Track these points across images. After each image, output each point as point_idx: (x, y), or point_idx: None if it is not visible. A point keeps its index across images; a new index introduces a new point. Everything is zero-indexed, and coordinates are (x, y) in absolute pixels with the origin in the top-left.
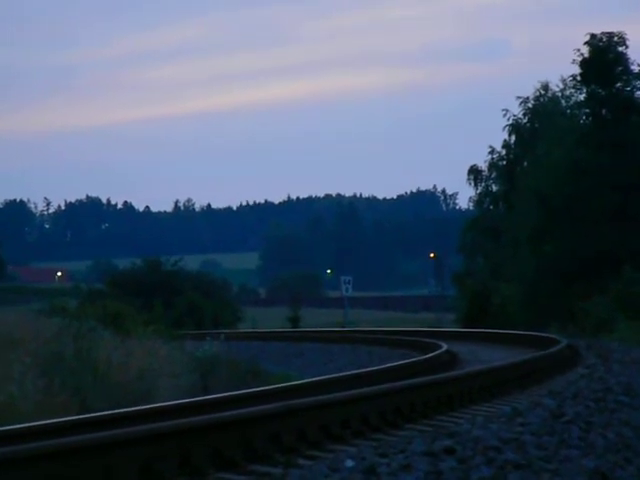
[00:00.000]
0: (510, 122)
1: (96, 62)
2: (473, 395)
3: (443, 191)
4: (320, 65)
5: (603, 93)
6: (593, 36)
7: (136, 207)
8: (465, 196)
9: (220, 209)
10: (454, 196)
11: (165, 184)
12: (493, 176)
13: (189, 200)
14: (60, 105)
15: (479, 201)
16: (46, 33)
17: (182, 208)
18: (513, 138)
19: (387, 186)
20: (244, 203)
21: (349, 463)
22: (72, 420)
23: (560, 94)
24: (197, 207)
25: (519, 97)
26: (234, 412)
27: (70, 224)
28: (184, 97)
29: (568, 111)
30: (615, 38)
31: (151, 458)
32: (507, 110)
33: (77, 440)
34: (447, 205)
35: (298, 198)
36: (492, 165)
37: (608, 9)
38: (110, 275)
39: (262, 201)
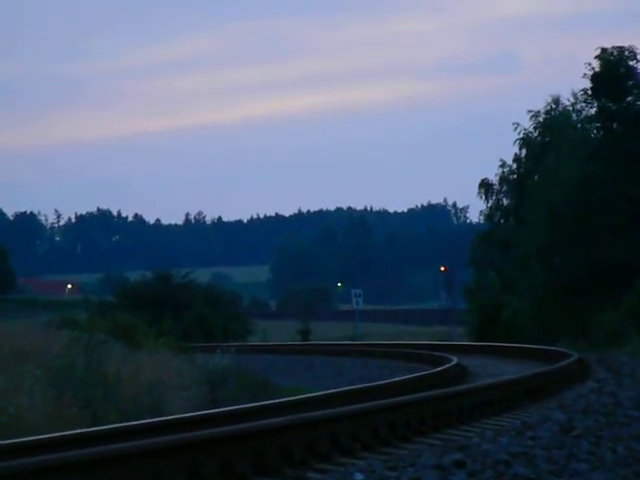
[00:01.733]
0: (521, 136)
1: (107, 74)
2: (483, 409)
3: (454, 205)
4: (332, 78)
5: (614, 107)
6: (604, 50)
7: (147, 220)
8: (476, 210)
9: (231, 222)
10: (465, 210)
11: (176, 197)
12: (504, 190)
13: (200, 213)
14: (70, 117)
15: (490, 215)
16: (57, 44)
17: (193, 221)
18: (524, 152)
19: (398, 199)
20: (255, 216)
21: (359, 476)
22: (81, 433)
23: (571, 108)
24: (208, 220)
25: (530, 111)
26: (244, 425)
27: (80, 236)
28: (195, 109)
29: (579, 125)
30: (626, 52)
31: (160, 471)
32: (518, 124)
33: (83, 454)
34: (458, 219)
35: (309, 211)
36: (503, 179)
37: (619, 23)
38: (120, 288)
39: (273, 214)
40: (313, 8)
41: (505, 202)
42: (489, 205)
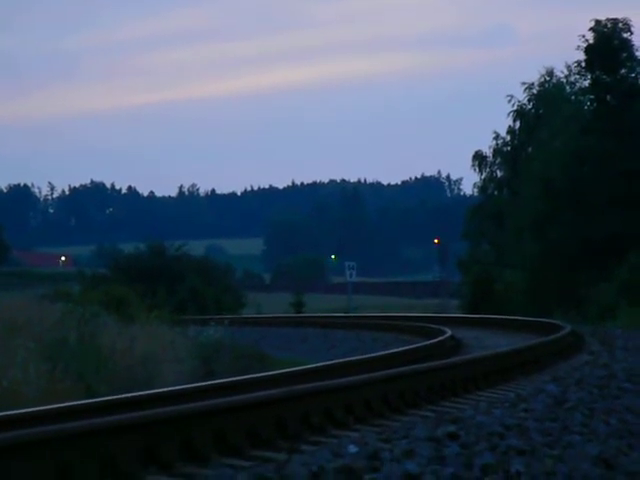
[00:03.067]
0: (515, 108)
1: (101, 47)
2: (477, 381)
3: (448, 177)
4: (325, 50)
5: (608, 79)
6: (598, 22)
7: (140, 192)
8: (470, 182)
9: (224, 194)
10: (458, 182)
11: (169, 169)
12: (497, 162)
13: (193, 185)
14: (64, 90)
15: (483, 187)
16: (53, 18)
17: (186, 193)
18: (518, 124)
19: (391, 172)
20: (248, 188)
21: (352, 449)
22: (73, 405)
23: (565, 80)
24: (201, 192)
25: (524, 83)
26: (237, 397)
27: (74, 209)
28: (188, 82)
29: (573, 97)
30: (620, 24)
31: (152, 443)
32: (512, 96)
33: (76, 426)
34: (452, 191)
35: (302, 183)
36: (497, 151)
37: None
38: (114, 260)
39: (266, 186)
40: None
41: (499, 174)
42: (483, 177)
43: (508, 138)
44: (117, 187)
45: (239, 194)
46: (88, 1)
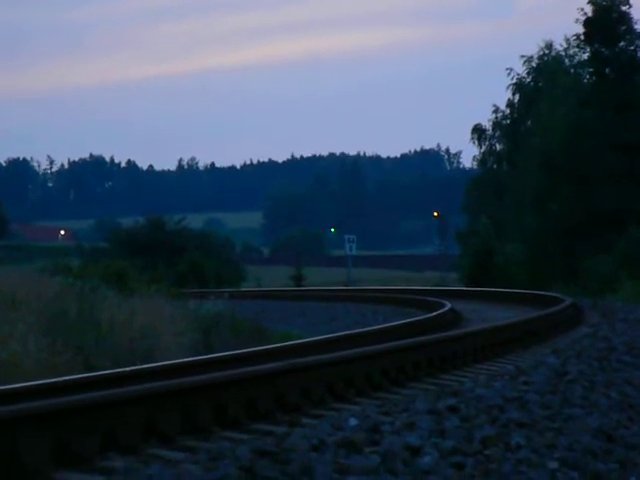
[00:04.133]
0: (514, 81)
1: (102, 20)
2: (477, 354)
3: (447, 150)
4: (321, 23)
5: (606, 52)
6: None
7: (140, 166)
8: (469, 155)
9: (224, 168)
10: (458, 155)
11: (169, 143)
12: (497, 135)
13: (193, 159)
14: (64, 63)
15: (483, 160)
16: None
17: (186, 167)
18: (517, 97)
19: (391, 145)
20: (248, 162)
21: (353, 422)
22: (73, 379)
23: (564, 53)
24: (201, 166)
25: (523, 56)
26: (237, 370)
27: (73, 183)
28: (187, 55)
29: (572, 70)
30: None
31: (154, 417)
32: (511, 69)
33: (76, 400)
34: (451, 164)
35: (302, 157)
36: (496, 124)
37: None
38: (113, 234)
39: (266, 160)
40: None
41: (498, 147)
42: (482, 150)
43: (507, 111)
44: (116, 161)
45: (239, 167)
46: None
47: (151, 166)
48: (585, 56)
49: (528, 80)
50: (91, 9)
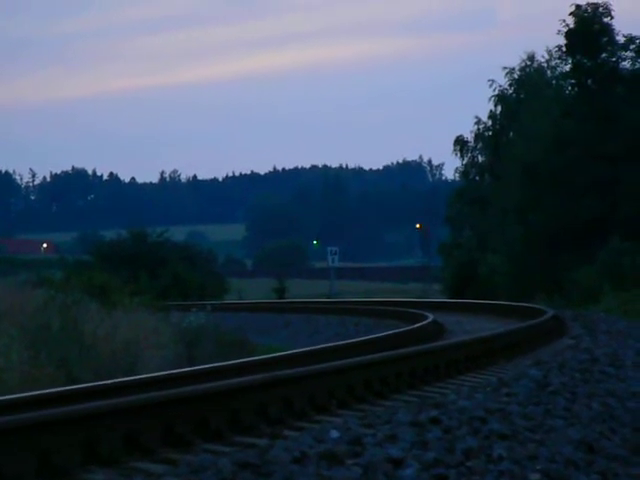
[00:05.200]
0: (496, 92)
1: (86, 32)
2: (459, 365)
3: (429, 162)
4: (307, 36)
5: (588, 64)
6: (578, 7)
7: (122, 178)
8: (451, 167)
9: (206, 180)
10: (440, 167)
11: (151, 155)
12: (479, 147)
13: (175, 171)
14: (47, 76)
15: (465, 172)
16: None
17: (168, 179)
18: (499, 108)
19: (373, 157)
20: (230, 174)
21: (334, 434)
22: (57, 392)
23: (546, 64)
24: (183, 178)
25: (505, 67)
26: (220, 383)
27: (56, 196)
28: (169, 67)
29: (554, 82)
30: (600, 9)
31: (135, 429)
32: (493, 80)
33: (60, 412)
34: (433, 176)
35: (284, 169)
36: (478, 135)
37: None
38: (96, 246)
39: (248, 172)
40: None
41: (480, 159)
42: (464, 162)
43: (489, 123)
44: (98, 173)
45: (220, 180)
46: None
47: (133, 179)
48: (567, 67)
49: (510, 92)
50: (74, 22)
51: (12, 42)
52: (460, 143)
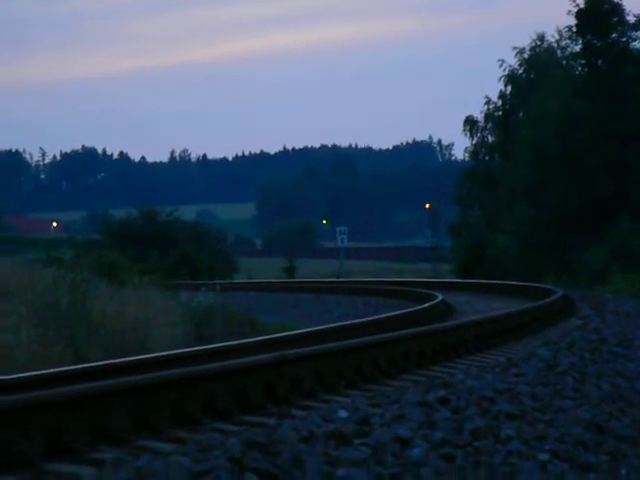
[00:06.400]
0: (506, 73)
1: (96, 12)
2: (468, 345)
3: (439, 142)
4: (313, 15)
5: (599, 44)
6: None
7: (132, 157)
8: (461, 147)
9: (216, 159)
10: (450, 147)
11: (161, 134)
12: (489, 127)
13: (185, 150)
14: (57, 55)
15: (475, 152)
16: None
17: (178, 158)
18: (509, 89)
19: (383, 136)
20: (240, 153)
21: (343, 413)
22: (65, 371)
23: (556, 45)
24: (193, 157)
25: (515, 47)
26: (228, 362)
27: (66, 174)
28: (179, 46)
29: (564, 62)
30: None
31: (145, 408)
32: (503, 60)
33: (67, 391)
34: (443, 156)
35: (294, 148)
36: (488, 116)
37: None
38: (105, 225)
39: (258, 151)
40: None
41: (490, 139)
42: (474, 142)
43: (499, 103)
44: (108, 152)
45: (230, 159)
46: None
47: (143, 158)
48: (577, 48)
49: (520, 72)
50: (85, 0)
51: (23, 22)
52: (470, 123)
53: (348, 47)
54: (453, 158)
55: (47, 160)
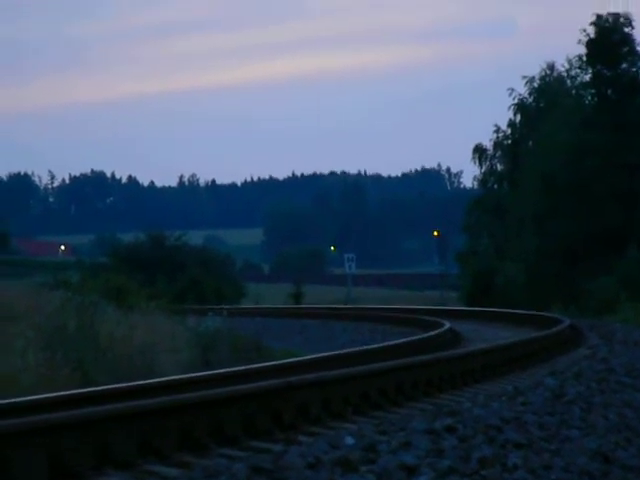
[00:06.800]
0: (515, 101)
1: (103, 36)
2: (475, 374)
3: (448, 170)
4: (325, 42)
5: (608, 74)
6: (599, 16)
7: (140, 182)
8: (470, 175)
9: (224, 185)
10: (459, 175)
11: (170, 159)
12: (498, 155)
13: (193, 175)
14: (66, 79)
15: (484, 180)
16: (61, 5)
17: (186, 183)
18: (518, 117)
19: (392, 164)
20: (249, 179)
21: (349, 440)
22: (72, 394)
23: (566, 74)
24: (202, 182)
25: (525, 76)
26: (235, 387)
27: (74, 198)
28: (190, 71)
29: (573, 91)
30: (621, 19)
31: (151, 433)
32: (513, 89)
33: (74, 415)
34: (452, 184)
35: (303, 175)
36: (497, 144)
37: None
38: (113, 249)
39: (267, 177)
40: None
41: (499, 167)
42: (483, 170)
43: (509, 131)
44: (117, 176)
45: (239, 185)
46: None
47: (152, 182)
48: (587, 77)
49: (530, 100)
50: (92, 25)
51: (29, 45)
52: (479, 151)
53: (359, 76)
54: (462, 186)
55: (56, 183)
